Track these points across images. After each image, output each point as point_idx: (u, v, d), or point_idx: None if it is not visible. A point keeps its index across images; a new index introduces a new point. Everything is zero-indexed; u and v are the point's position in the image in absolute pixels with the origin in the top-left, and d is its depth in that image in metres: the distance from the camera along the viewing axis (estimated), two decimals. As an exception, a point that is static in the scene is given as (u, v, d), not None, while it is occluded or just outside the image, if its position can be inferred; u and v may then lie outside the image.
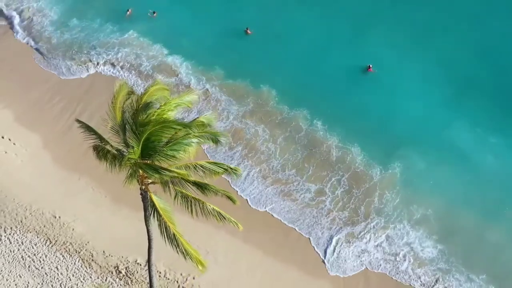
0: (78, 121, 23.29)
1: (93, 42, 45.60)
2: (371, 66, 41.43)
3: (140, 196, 22.36)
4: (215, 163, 21.37)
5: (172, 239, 21.22)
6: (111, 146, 21.54)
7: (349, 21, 45.82)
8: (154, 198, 21.66)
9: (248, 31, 44.86)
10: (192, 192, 21.09)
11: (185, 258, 21.53)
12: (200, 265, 21.62)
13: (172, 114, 20.58)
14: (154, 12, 47.02)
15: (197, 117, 21.61)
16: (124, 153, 20.88)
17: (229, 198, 20.98)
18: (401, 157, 36.65)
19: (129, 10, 47.42)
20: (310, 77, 42.01)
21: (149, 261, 25.18)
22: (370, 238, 33.07)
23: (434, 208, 34.27)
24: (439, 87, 40.69)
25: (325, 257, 32.43)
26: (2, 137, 37.37)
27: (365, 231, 33.41)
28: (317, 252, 32.81)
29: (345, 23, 45.66)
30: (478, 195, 34.73)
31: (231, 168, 21.18)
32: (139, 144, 20.01)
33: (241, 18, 46.19)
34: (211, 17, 46.92)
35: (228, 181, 35.29)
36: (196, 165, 21.29)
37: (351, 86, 41.19)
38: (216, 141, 21.07)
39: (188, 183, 20.60)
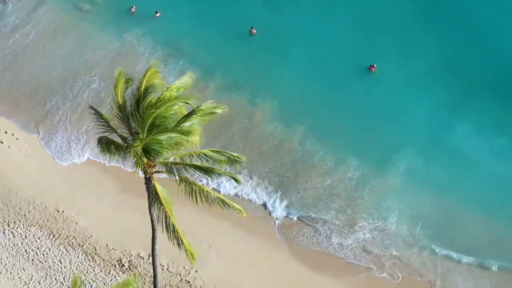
0: (91, 107, 23.60)
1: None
2: (374, 65, 41.53)
3: (145, 185, 22.51)
4: (217, 151, 21.56)
5: (170, 229, 21.37)
6: (117, 134, 21.80)
7: (353, 21, 45.75)
8: (158, 187, 21.81)
9: (253, 31, 44.92)
10: (196, 177, 21.25)
11: (179, 247, 21.67)
12: (191, 257, 21.75)
13: (173, 96, 20.83)
14: (157, 12, 46.87)
15: (199, 105, 21.74)
16: (129, 141, 21.13)
17: (233, 178, 21.11)
18: (402, 159, 36.51)
19: (133, 7, 47.43)
20: (312, 75, 41.98)
21: (153, 251, 25.20)
22: (372, 241, 33.03)
23: (439, 209, 34.34)
24: (443, 87, 40.70)
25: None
26: (5, 132, 37.60)
27: (366, 236, 33.33)
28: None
29: (349, 22, 45.60)
30: (479, 196, 34.72)
31: (233, 156, 21.32)
32: (144, 130, 20.21)
33: (246, 17, 45.79)
34: (215, 15, 46.61)
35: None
36: (199, 154, 21.50)
37: (353, 85, 41.16)
38: (212, 113, 21.32)
39: (192, 168, 20.74)
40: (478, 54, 42.56)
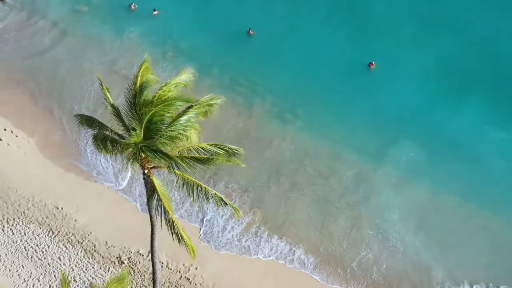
0: (78, 115, 23.42)
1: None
2: (374, 63, 41.45)
3: (143, 180, 22.41)
4: (215, 145, 21.49)
5: (170, 224, 21.27)
6: (112, 131, 21.66)
7: (351, 19, 45.82)
8: (156, 181, 21.72)
9: (251, 32, 44.79)
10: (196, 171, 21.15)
11: (179, 242, 21.58)
12: (192, 251, 21.65)
13: (172, 95, 20.69)
14: (154, 10, 46.69)
15: (199, 99, 21.55)
16: (126, 138, 21.00)
17: (235, 163, 21.10)
18: (402, 159, 36.36)
19: (133, 4, 47.28)
20: (312, 74, 41.90)
21: (152, 248, 25.09)
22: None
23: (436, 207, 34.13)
24: (443, 85, 40.62)
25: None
26: (4, 129, 37.52)
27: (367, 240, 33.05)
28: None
29: (348, 20, 45.68)
30: (478, 194, 34.53)
31: (231, 149, 21.22)
32: (141, 126, 20.10)
33: (245, 18, 45.82)
34: (214, 15, 46.61)
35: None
36: (197, 148, 21.45)
37: (352, 83, 41.10)
38: (210, 105, 21.14)
39: (190, 160, 20.62)
40: (478, 49, 42.54)
